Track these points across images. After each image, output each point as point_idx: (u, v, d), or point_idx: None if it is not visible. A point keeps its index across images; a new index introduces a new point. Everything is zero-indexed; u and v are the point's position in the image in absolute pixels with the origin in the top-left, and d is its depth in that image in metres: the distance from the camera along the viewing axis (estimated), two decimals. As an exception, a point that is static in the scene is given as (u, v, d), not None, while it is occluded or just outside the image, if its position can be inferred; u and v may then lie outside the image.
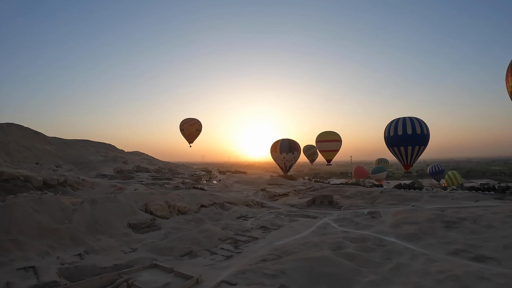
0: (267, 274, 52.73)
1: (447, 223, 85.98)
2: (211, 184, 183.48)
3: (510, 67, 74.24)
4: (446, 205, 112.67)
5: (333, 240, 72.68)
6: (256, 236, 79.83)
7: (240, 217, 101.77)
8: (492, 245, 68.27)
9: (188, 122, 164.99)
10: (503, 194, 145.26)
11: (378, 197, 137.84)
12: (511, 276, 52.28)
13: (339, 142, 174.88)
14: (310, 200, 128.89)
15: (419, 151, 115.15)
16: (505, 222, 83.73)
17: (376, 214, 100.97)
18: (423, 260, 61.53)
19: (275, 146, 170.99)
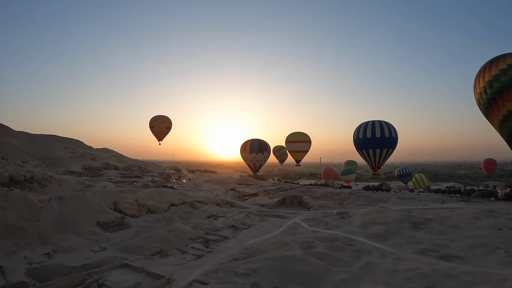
0: (239, 273, 53.01)
1: (415, 224, 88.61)
2: (181, 183, 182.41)
3: (478, 76, 77.05)
4: (414, 207, 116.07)
5: (303, 240, 73.66)
6: (227, 236, 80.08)
7: (210, 216, 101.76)
8: (458, 244, 71.02)
9: (159, 120, 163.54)
10: (468, 197, 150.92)
11: (346, 198, 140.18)
12: (477, 274, 54.60)
13: (309, 143, 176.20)
14: (279, 200, 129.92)
15: (387, 153, 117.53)
16: (471, 223, 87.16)
17: (345, 215, 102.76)
18: (391, 259, 63.24)
19: (245, 146, 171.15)
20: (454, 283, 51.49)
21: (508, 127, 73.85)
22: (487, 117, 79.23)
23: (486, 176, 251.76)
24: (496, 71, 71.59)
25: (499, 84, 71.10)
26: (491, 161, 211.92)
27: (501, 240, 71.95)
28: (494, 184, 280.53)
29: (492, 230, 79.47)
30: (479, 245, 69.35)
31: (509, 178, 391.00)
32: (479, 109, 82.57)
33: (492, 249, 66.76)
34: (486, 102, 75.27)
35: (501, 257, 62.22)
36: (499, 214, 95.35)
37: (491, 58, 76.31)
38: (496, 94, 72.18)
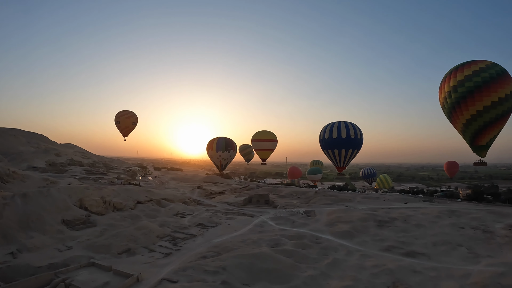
0: (208, 270, 53.38)
1: (380, 222, 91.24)
2: (147, 181, 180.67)
3: (443, 81, 79.88)
4: (378, 206, 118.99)
5: (271, 238, 74.58)
6: (194, 234, 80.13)
7: (177, 214, 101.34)
8: (422, 242, 73.94)
9: (125, 115, 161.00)
10: (431, 197, 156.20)
11: (313, 197, 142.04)
12: (441, 270, 57.32)
13: (275, 142, 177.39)
14: (246, 198, 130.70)
15: (352, 154, 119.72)
16: (434, 222, 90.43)
17: (311, 213, 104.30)
18: (358, 256, 65.20)
19: (211, 144, 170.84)
20: (419, 278, 53.83)
21: (471, 130, 76.73)
22: (451, 120, 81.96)
23: (448, 178, 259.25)
24: (461, 77, 74.55)
25: (464, 90, 73.95)
26: (453, 164, 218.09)
27: (463, 238, 75.56)
28: (456, 186, 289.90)
29: (454, 229, 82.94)
30: (442, 242, 72.58)
31: (470, 180, 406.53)
32: (443, 113, 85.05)
33: (455, 246, 70.12)
34: (451, 106, 77.94)
35: (463, 254, 65.48)
36: (461, 213, 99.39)
37: (456, 65, 79.17)
38: (460, 99, 74.92)
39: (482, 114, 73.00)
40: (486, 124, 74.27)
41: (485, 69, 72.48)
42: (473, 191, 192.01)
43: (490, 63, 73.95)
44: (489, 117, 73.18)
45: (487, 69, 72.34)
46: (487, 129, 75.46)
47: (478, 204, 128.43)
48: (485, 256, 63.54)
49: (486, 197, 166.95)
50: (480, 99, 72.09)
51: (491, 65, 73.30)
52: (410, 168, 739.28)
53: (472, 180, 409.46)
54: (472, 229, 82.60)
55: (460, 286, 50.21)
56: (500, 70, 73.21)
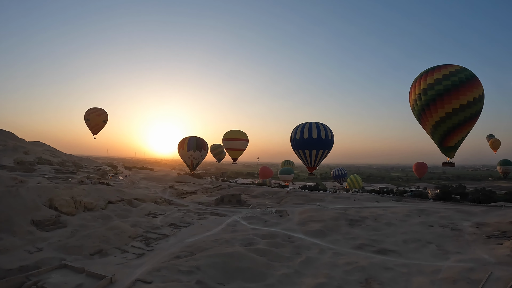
0: (182, 270, 53.76)
1: (351, 221, 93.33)
2: (117, 180, 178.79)
3: (414, 84, 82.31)
4: (349, 205, 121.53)
5: (243, 237, 75.43)
6: (167, 234, 80.00)
7: (149, 214, 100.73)
8: (392, 240, 76.44)
9: (95, 112, 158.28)
10: (400, 197, 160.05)
11: (284, 197, 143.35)
12: (412, 266, 59.64)
13: (246, 141, 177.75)
14: (218, 198, 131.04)
15: (323, 154, 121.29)
16: (404, 221, 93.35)
17: (283, 213, 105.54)
18: (330, 254, 66.89)
19: (182, 143, 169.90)
20: (391, 274, 55.96)
21: (440, 132, 79.12)
22: (420, 122, 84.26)
23: (417, 178, 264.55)
24: (431, 80, 76.95)
25: (433, 92, 76.30)
26: (422, 165, 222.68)
27: (433, 235, 78.54)
28: (425, 186, 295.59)
29: (423, 227, 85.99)
30: (412, 240, 75.26)
31: (438, 180, 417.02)
32: (413, 115, 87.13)
33: (425, 243, 72.86)
34: (420, 108, 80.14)
35: (433, 251, 68.14)
36: (430, 212, 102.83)
37: (427, 68, 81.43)
38: (430, 101, 77.18)
39: (451, 117, 75.45)
40: (455, 126, 76.74)
41: (455, 73, 75.17)
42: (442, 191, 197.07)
43: (460, 68, 76.76)
44: (458, 120, 75.66)
45: (456, 73, 75.05)
46: (455, 131, 77.96)
47: (446, 203, 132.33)
48: (454, 252, 66.41)
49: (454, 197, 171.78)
50: (449, 102, 74.53)
51: (460, 70, 76.09)
52: (380, 169, 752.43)
53: (441, 180, 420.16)
54: (441, 227, 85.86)
55: (430, 282, 52.40)
56: (470, 75, 76.04)
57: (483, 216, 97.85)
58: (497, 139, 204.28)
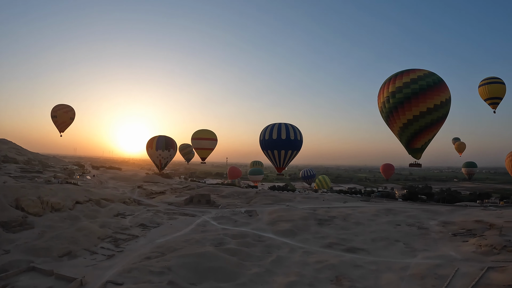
0: (154, 271, 53.80)
1: (320, 221, 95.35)
2: (85, 180, 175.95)
3: (383, 87, 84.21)
4: (318, 205, 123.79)
5: (214, 237, 75.80)
6: (136, 234, 79.38)
7: (118, 215, 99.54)
8: (361, 238, 78.72)
9: (63, 109, 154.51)
10: (368, 197, 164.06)
11: (253, 197, 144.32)
12: (381, 263, 61.85)
13: (215, 141, 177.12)
14: (187, 198, 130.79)
15: (291, 155, 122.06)
16: (372, 220, 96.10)
17: (253, 213, 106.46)
18: (301, 253, 68.24)
19: (151, 143, 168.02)
20: (361, 272, 57.82)
21: (407, 134, 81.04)
22: (388, 124, 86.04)
23: (384, 179, 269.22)
24: (400, 83, 78.99)
25: (402, 95, 78.30)
26: (389, 166, 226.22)
27: (400, 234, 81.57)
28: (392, 186, 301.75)
29: (391, 226, 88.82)
30: (381, 238, 77.85)
31: (405, 181, 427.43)
32: (381, 117, 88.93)
33: (393, 241, 75.66)
34: (388, 110, 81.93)
35: (401, 248, 70.87)
36: (397, 212, 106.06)
37: (396, 72, 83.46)
38: (398, 104, 79.07)
39: (418, 119, 77.45)
40: (422, 128, 78.76)
41: (423, 77, 77.48)
42: (408, 191, 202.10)
43: (428, 72, 79.23)
44: (425, 122, 77.74)
45: (424, 78, 77.36)
46: (422, 133, 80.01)
47: (413, 203, 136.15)
48: (421, 250, 69.20)
49: (421, 197, 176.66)
50: (416, 105, 76.59)
51: (428, 74, 78.50)
52: (348, 170, 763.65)
53: (407, 181, 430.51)
54: (408, 226, 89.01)
55: (399, 278, 54.53)
56: (437, 79, 78.54)
57: (448, 215, 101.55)
58: (462, 142, 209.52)
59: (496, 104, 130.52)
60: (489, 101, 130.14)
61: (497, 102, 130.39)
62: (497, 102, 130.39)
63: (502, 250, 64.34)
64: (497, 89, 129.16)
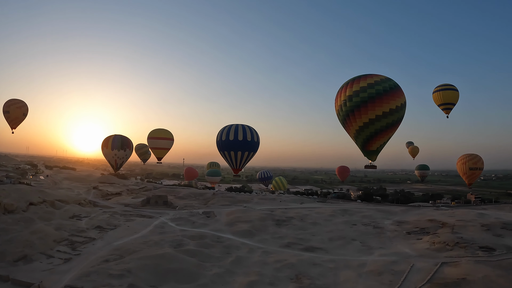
0: (113, 274, 53.54)
1: (278, 221, 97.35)
2: (38, 180, 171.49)
3: (340, 91, 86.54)
4: (275, 206, 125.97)
5: (172, 238, 75.98)
6: (93, 237, 78.20)
7: (74, 217, 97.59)
8: (319, 238, 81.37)
9: (15, 104, 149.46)
10: (324, 198, 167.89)
11: (211, 199, 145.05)
12: (339, 261, 64.26)
13: (171, 140, 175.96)
14: (144, 199, 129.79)
15: (248, 156, 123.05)
16: (328, 220, 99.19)
17: (210, 214, 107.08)
18: (260, 253, 69.73)
19: (106, 142, 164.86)
20: (320, 270, 59.96)
21: (363, 136, 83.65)
22: (345, 127, 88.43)
23: (340, 181, 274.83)
24: (357, 87, 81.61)
25: (358, 99, 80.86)
26: (345, 168, 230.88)
27: (356, 233, 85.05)
28: (348, 188, 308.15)
29: (347, 225, 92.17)
30: (338, 238, 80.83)
31: (360, 183, 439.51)
32: (338, 120, 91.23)
33: (349, 240, 78.72)
34: (345, 113, 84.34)
35: (357, 247, 73.94)
36: (353, 212, 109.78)
37: (353, 77, 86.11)
38: (354, 108, 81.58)
39: (374, 122, 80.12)
40: (377, 131, 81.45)
41: (380, 82, 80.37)
42: (364, 192, 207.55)
43: (384, 78, 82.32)
44: (380, 125, 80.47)
45: (381, 83, 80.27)
46: (378, 136, 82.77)
47: (368, 204, 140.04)
48: (377, 248, 72.43)
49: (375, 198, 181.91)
50: (373, 109, 79.30)
51: (385, 79, 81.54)
52: (304, 172, 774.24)
53: (362, 183, 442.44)
54: (364, 225, 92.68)
55: (357, 275, 57.03)
56: (393, 85, 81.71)
57: (402, 215, 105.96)
58: (416, 146, 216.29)
59: (449, 109, 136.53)
60: (443, 106, 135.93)
61: (450, 107, 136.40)
62: (450, 107, 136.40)
63: (454, 247, 68.60)
64: (450, 95, 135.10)
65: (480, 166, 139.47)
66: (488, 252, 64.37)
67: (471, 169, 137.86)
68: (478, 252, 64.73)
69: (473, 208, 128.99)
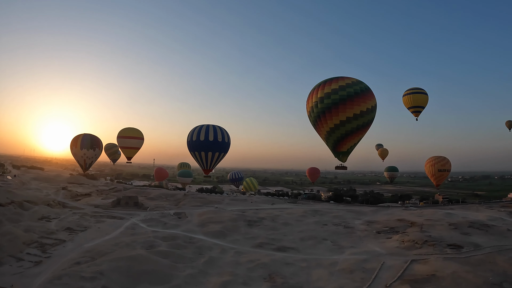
0: (85, 277, 52.96)
1: (249, 222, 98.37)
2: (6, 180, 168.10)
3: (312, 92, 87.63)
4: (247, 207, 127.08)
5: (144, 240, 75.61)
6: (64, 239, 77.12)
7: (43, 218, 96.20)
8: (290, 238, 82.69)
9: None
10: (295, 199, 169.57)
11: (182, 199, 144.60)
12: (311, 261, 65.60)
13: (141, 140, 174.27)
14: (115, 200, 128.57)
15: (218, 157, 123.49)
16: (299, 221, 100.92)
17: (182, 215, 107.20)
18: (232, 253, 70.33)
19: (75, 141, 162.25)
20: (292, 269, 61.10)
21: (334, 137, 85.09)
22: (316, 128, 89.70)
23: (310, 182, 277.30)
24: (329, 89, 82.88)
25: (329, 101, 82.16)
26: (315, 169, 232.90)
27: (327, 233, 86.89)
28: (318, 189, 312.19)
29: (318, 226, 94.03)
30: (309, 237, 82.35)
31: (331, 184, 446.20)
32: (309, 121, 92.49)
33: (321, 240, 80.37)
34: (316, 115, 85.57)
35: (329, 246, 75.61)
36: (324, 212, 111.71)
37: (325, 79, 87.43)
38: (325, 109, 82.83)
39: (344, 124, 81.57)
40: (348, 132, 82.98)
41: (351, 85, 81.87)
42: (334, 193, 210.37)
43: (356, 80, 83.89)
44: (351, 127, 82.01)
45: (352, 85, 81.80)
46: (348, 137, 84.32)
47: (338, 204, 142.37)
48: (348, 247, 74.12)
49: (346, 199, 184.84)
50: (343, 111, 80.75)
51: (356, 82, 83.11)
52: (275, 173, 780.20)
53: (332, 184, 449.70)
54: (335, 225, 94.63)
55: (329, 273, 58.41)
56: (364, 87, 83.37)
57: (372, 215, 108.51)
58: (385, 149, 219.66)
59: (418, 112, 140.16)
60: (412, 109, 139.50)
61: (419, 110, 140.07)
62: (419, 110, 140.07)
63: (423, 245, 70.90)
64: (420, 99, 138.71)
65: (448, 168, 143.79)
66: (456, 250, 66.83)
67: (440, 171, 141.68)
68: (446, 249, 67.19)
69: (441, 208, 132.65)
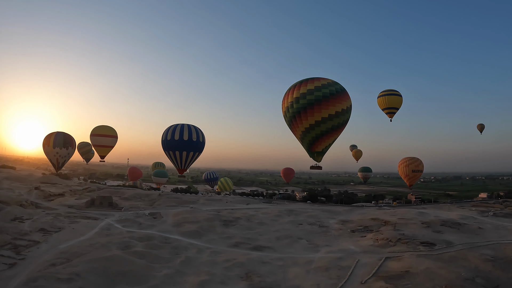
0: (61, 278, 52.36)
1: (225, 222, 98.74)
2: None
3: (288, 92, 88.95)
4: (222, 207, 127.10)
5: (120, 240, 75.23)
6: (37, 240, 76.11)
7: (15, 219, 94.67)
8: (266, 237, 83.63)
9: None
10: (270, 199, 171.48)
11: (157, 199, 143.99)
12: (287, 259, 66.68)
13: (115, 138, 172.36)
14: (89, 201, 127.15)
15: (193, 157, 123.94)
16: (275, 220, 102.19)
17: (157, 215, 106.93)
18: (208, 253, 70.69)
19: (48, 139, 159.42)
20: (269, 268, 62.09)
21: (309, 138, 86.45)
22: (291, 128, 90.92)
23: (285, 183, 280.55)
24: (304, 90, 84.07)
25: (305, 102, 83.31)
26: (290, 170, 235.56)
27: (303, 232, 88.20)
28: (293, 189, 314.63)
29: (294, 225, 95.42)
30: (284, 237, 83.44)
31: (305, 184, 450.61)
32: (284, 122, 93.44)
33: (296, 239, 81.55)
34: (292, 115, 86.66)
35: (304, 245, 76.82)
36: (299, 212, 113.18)
37: (301, 79, 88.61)
38: (301, 109, 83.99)
39: (320, 124, 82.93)
40: (323, 133, 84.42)
41: (327, 85, 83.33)
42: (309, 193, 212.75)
43: (331, 81, 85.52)
44: (326, 127, 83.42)
45: (328, 86, 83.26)
46: (323, 138, 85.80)
47: (313, 204, 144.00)
48: (323, 245, 75.45)
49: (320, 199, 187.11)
50: (319, 111, 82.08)
51: (332, 83, 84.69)
52: (249, 173, 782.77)
53: (307, 184, 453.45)
54: (310, 224, 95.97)
55: (306, 271, 59.67)
56: (340, 88, 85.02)
57: (346, 214, 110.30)
58: (359, 150, 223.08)
59: (392, 113, 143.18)
60: (387, 110, 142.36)
61: (394, 112, 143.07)
62: (394, 112, 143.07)
63: (397, 242, 72.89)
64: (394, 100, 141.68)
65: (421, 168, 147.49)
66: (429, 247, 68.92)
67: (413, 172, 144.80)
68: (419, 247, 69.19)
69: (414, 207, 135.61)
